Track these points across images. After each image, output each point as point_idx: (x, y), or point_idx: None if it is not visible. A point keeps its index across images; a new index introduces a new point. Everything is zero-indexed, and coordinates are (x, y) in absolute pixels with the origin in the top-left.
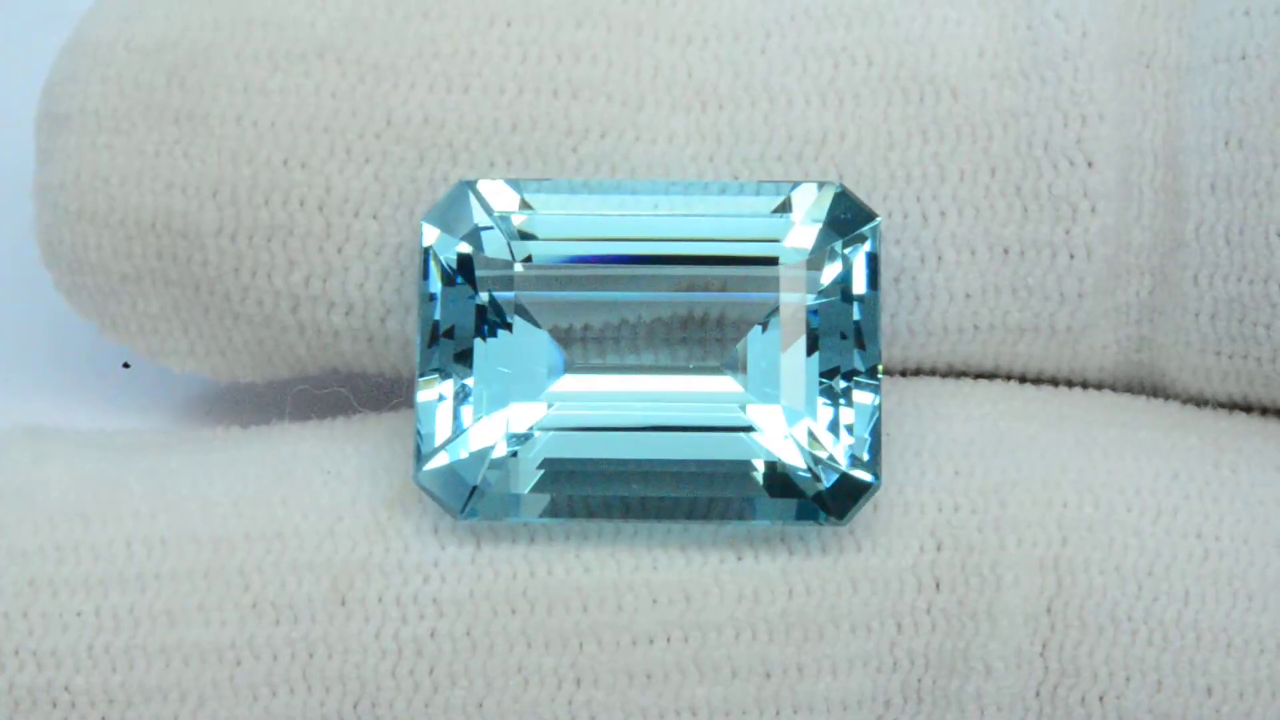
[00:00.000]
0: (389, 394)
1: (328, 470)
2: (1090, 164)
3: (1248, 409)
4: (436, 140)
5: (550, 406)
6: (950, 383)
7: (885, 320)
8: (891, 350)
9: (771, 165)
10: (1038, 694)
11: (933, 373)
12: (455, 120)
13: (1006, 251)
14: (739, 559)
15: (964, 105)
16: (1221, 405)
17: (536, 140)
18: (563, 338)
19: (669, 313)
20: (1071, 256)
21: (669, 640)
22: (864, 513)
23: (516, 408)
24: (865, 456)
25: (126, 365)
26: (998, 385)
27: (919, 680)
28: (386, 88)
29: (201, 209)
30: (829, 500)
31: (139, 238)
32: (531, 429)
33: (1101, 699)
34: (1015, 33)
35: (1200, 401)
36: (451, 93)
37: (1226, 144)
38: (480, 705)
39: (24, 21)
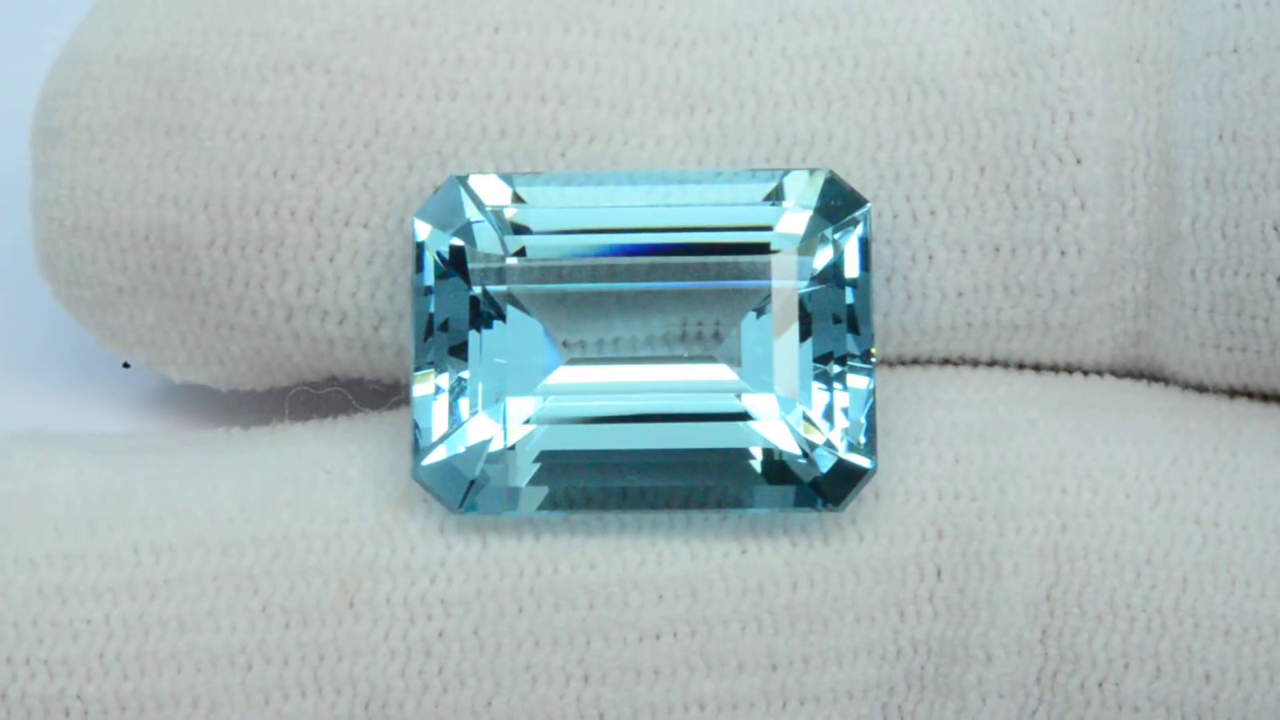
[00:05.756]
0: (388, 392)
1: (331, 472)
2: (1079, 160)
3: (1248, 397)
4: (425, 148)
5: (546, 398)
6: (949, 369)
7: (877, 319)
8: (884, 349)
9: (760, 167)
10: (1038, 680)
11: None
12: (444, 128)
13: (997, 249)
14: (743, 552)
15: (952, 104)
16: (1221, 394)
17: (525, 146)
18: (559, 334)
19: (663, 330)
20: (1062, 253)
21: (675, 635)
22: (866, 502)
23: (512, 400)
24: (861, 441)
25: (126, 365)
26: (996, 371)
27: (921, 668)
28: (375, 96)
29: (193, 221)
30: (825, 486)
31: (133, 250)
32: (528, 421)
33: (1101, 685)
34: (1002, 30)
35: (1199, 393)
36: (440, 100)
37: (1220, 138)
38: (489, 704)
39: (21, 27)
